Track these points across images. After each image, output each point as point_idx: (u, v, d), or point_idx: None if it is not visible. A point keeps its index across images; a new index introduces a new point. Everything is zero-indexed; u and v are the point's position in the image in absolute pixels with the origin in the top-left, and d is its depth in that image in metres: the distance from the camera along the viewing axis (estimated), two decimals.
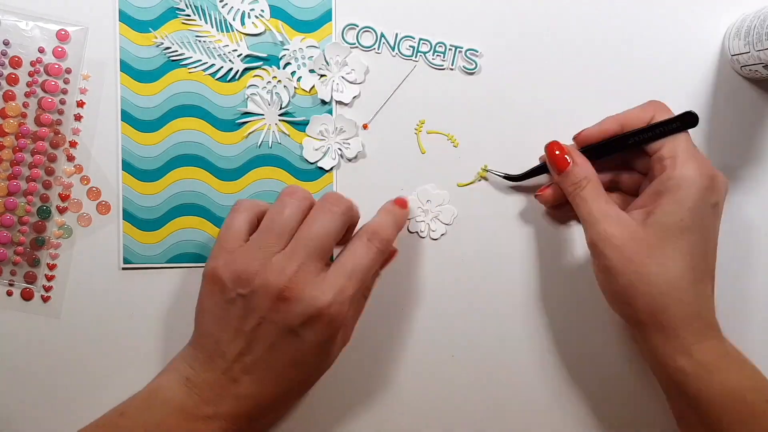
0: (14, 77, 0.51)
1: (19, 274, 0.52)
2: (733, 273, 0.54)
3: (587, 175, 0.47)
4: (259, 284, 0.43)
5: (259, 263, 0.43)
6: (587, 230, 0.46)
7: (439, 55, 0.53)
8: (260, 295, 0.43)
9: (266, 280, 0.43)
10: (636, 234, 0.44)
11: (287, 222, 0.45)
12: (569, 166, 0.47)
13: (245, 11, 0.52)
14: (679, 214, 0.44)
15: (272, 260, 0.43)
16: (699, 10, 0.53)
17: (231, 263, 0.44)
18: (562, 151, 0.48)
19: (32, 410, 0.53)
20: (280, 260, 0.43)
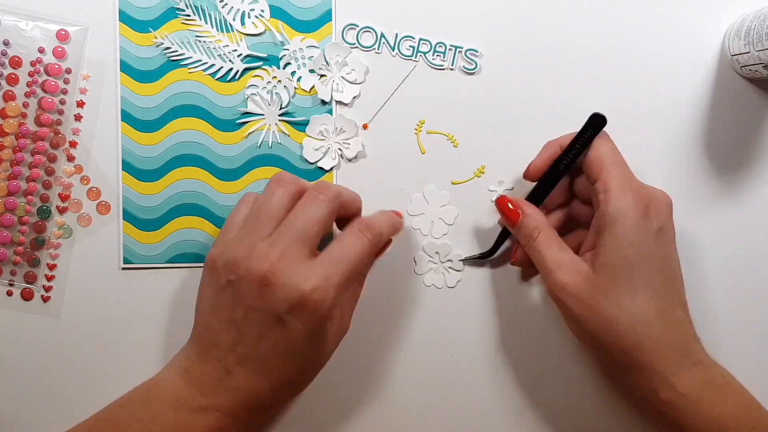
0: (14, 77, 0.51)
1: (19, 274, 0.52)
2: (734, 272, 0.54)
3: (538, 224, 0.47)
4: (244, 270, 0.43)
5: (245, 250, 0.44)
6: (544, 281, 0.46)
7: (439, 55, 0.53)
8: (245, 281, 0.43)
9: (250, 266, 0.43)
10: (589, 280, 0.44)
11: (273, 209, 0.45)
12: (520, 218, 0.47)
13: (245, 11, 0.52)
14: (622, 250, 0.43)
15: (257, 246, 0.44)
16: (699, 10, 0.53)
17: (224, 251, 0.45)
18: (513, 204, 0.48)
19: (32, 410, 0.53)
20: (264, 246, 0.43)
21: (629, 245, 0.43)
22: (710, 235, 0.54)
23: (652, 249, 0.44)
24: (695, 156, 0.54)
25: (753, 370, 0.55)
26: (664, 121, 0.54)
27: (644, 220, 0.44)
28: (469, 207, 0.54)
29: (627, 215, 0.43)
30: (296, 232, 0.44)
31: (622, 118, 0.53)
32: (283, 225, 0.45)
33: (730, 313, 0.55)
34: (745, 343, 0.55)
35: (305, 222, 0.44)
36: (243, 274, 0.43)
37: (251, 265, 0.43)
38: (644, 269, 0.43)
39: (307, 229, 0.44)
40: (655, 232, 0.44)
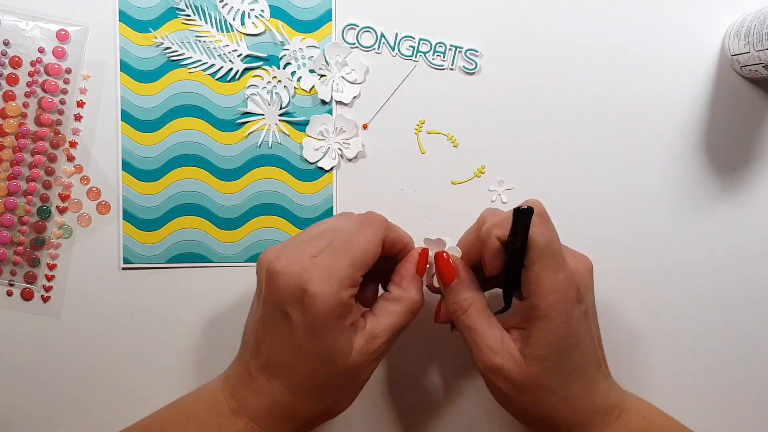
0: (14, 77, 0.51)
1: (19, 274, 0.52)
2: (734, 272, 0.54)
3: (471, 296, 0.45)
4: (260, 267, 0.44)
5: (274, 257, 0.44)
6: (473, 357, 0.44)
7: (439, 55, 0.53)
8: (261, 277, 0.43)
9: (265, 263, 0.43)
10: (521, 367, 0.43)
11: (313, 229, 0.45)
12: (454, 280, 0.45)
13: (245, 11, 0.52)
14: (554, 345, 0.42)
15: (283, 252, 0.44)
16: (699, 10, 0.53)
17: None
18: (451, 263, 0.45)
19: (32, 410, 0.53)
20: (287, 251, 0.44)
21: (561, 340, 0.42)
22: (710, 235, 0.54)
23: (581, 333, 0.43)
24: (695, 156, 0.54)
25: (752, 368, 0.55)
26: (664, 121, 0.54)
27: (575, 309, 0.42)
28: (469, 207, 0.54)
29: (560, 312, 0.42)
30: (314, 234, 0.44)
31: (622, 118, 0.53)
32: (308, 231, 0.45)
33: (730, 313, 0.55)
34: (745, 343, 0.55)
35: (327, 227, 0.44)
36: (260, 270, 0.44)
37: (267, 262, 0.43)
38: (574, 356, 0.43)
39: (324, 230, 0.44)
40: (583, 315, 0.43)
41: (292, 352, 0.43)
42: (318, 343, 0.42)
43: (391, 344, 0.45)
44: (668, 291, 0.54)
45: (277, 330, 0.43)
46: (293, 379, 0.43)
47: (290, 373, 0.43)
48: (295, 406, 0.43)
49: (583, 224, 0.54)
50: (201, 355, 0.53)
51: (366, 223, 0.45)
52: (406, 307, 0.45)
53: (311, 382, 0.43)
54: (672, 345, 0.55)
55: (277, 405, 0.43)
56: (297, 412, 0.44)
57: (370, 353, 0.43)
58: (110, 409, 0.53)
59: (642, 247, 0.54)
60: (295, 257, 0.42)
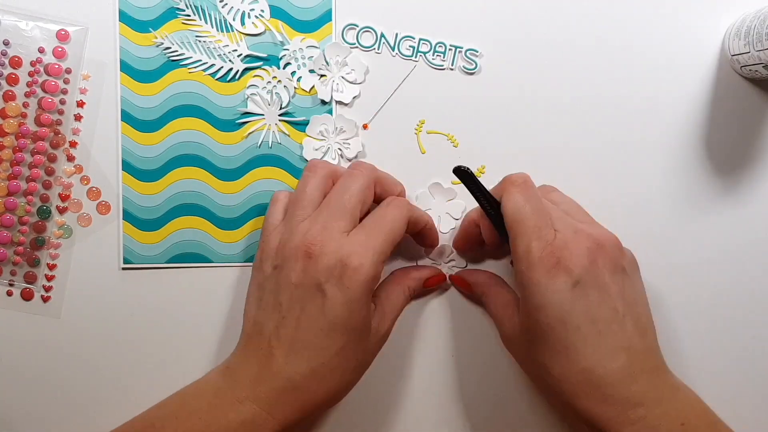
0: (14, 77, 0.51)
1: (19, 274, 0.52)
2: (734, 272, 0.54)
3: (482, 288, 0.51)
4: (288, 251, 0.44)
5: (287, 234, 0.45)
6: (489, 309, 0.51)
7: (439, 55, 0.53)
8: (290, 260, 0.44)
9: (293, 245, 0.44)
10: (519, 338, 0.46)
11: (309, 195, 0.46)
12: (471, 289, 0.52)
13: (245, 11, 0.52)
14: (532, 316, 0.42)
15: (298, 227, 0.45)
16: (699, 10, 0.53)
17: (265, 244, 0.47)
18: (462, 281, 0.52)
19: (32, 410, 0.53)
20: (305, 224, 0.45)
21: (537, 310, 0.42)
22: (710, 235, 0.54)
23: (567, 308, 0.41)
24: (695, 156, 0.54)
25: (752, 368, 0.55)
26: (664, 121, 0.54)
27: (551, 281, 0.41)
28: (469, 207, 0.54)
29: (530, 281, 0.42)
30: (334, 207, 0.45)
31: (621, 118, 0.53)
32: (322, 204, 0.46)
33: (730, 313, 0.55)
34: (744, 343, 0.55)
35: (341, 197, 0.46)
36: (288, 254, 0.44)
37: (294, 243, 0.44)
38: (558, 331, 0.41)
39: (344, 202, 0.45)
40: (570, 289, 0.41)
41: (323, 329, 0.43)
42: (352, 318, 0.43)
43: (391, 329, 0.49)
44: (668, 291, 0.54)
45: (309, 309, 0.43)
46: (319, 358, 0.43)
47: (317, 351, 0.43)
48: (311, 387, 0.44)
49: None
50: (201, 355, 0.53)
51: (394, 202, 0.47)
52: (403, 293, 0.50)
53: (336, 360, 0.44)
54: (672, 345, 0.55)
55: (292, 388, 0.43)
56: (309, 394, 0.44)
57: (380, 334, 0.47)
58: (110, 409, 0.53)
59: (642, 247, 0.54)
60: (328, 235, 0.44)
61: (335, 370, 0.44)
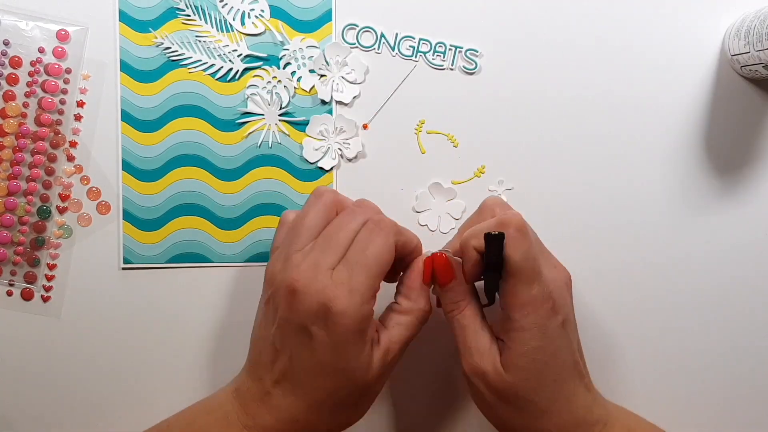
0: (14, 77, 0.51)
1: (19, 274, 0.52)
2: (734, 272, 0.54)
3: (468, 295, 0.46)
4: (278, 282, 0.43)
5: (281, 263, 0.44)
6: (460, 358, 0.45)
7: (439, 55, 0.53)
8: (279, 293, 0.43)
9: (282, 277, 0.43)
10: (501, 377, 0.43)
11: (308, 223, 0.45)
12: (452, 281, 0.45)
13: (245, 11, 0.52)
14: (529, 355, 0.43)
15: (291, 257, 0.43)
16: (699, 10, 0.53)
17: (269, 265, 0.45)
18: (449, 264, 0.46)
19: (32, 410, 0.53)
20: (298, 257, 0.43)
21: (536, 351, 0.43)
22: (710, 235, 0.54)
23: (558, 344, 0.43)
24: (695, 156, 0.54)
25: (752, 367, 0.55)
26: (664, 121, 0.54)
27: (551, 320, 0.43)
28: (469, 207, 0.54)
29: (534, 324, 0.42)
30: (327, 243, 0.43)
31: (621, 118, 0.53)
32: (319, 236, 0.44)
33: (730, 313, 0.55)
34: (744, 342, 0.55)
35: (338, 232, 0.44)
36: (277, 285, 0.43)
37: (284, 275, 0.43)
38: (552, 366, 0.43)
39: (339, 239, 0.43)
40: (560, 326, 0.43)
41: (314, 369, 0.42)
42: (341, 360, 0.42)
43: (402, 354, 0.45)
44: (668, 290, 0.54)
45: (298, 348, 0.43)
46: (313, 396, 0.43)
47: (310, 391, 0.43)
48: (312, 422, 0.43)
49: (583, 224, 0.54)
50: (201, 355, 0.53)
51: (377, 229, 0.44)
52: (416, 318, 0.45)
53: (332, 399, 0.43)
54: (671, 345, 0.55)
55: (294, 421, 0.43)
56: (313, 428, 0.43)
57: (385, 366, 0.44)
58: (110, 409, 0.53)
59: (641, 247, 0.54)
60: (313, 274, 0.42)
61: (333, 406, 0.43)
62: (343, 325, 0.41)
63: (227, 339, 0.53)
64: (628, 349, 0.54)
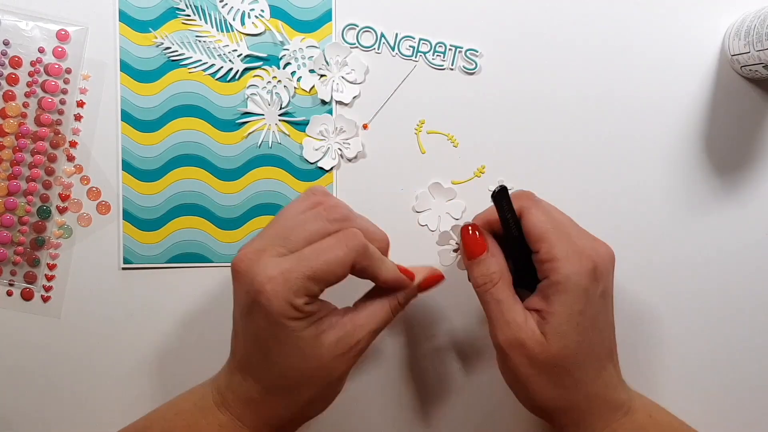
0: (14, 77, 0.51)
1: (19, 274, 0.52)
2: (734, 272, 0.54)
3: (501, 268, 0.44)
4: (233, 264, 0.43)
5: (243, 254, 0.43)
6: (496, 332, 0.44)
7: (439, 55, 0.53)
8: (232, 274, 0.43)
9: (235, 259, 0.43)
10: (542, 346, 0.43)
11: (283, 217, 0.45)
12: (484, 254, 0.44)
13: (245, 11, 0.52)
14: (573, 320, 0.42)
15: (251, 242, 0.43)
16: (699, 10, 0.53)
17: None
18: (479, 236, 0.45)
19: (32, 410, 0.53)
20: (255, 241, 0.43)
21: (580, 314, 0.42)
22: (710, 235, 0.54)
23: (597, 312, 0.43)
24: (695, 156, 0.54)
25: (753, 367, 0.55)
26: (664, 121, 0.54)
27: (593, 285, 0.43)
28: (469, 207, 0.54)
29: (577, 284, 0.42)
30: (280, 230, 0.43)
31: (621, 118, 0.53)
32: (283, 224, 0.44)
33: (730, 313, 0.55)
34: (745, 343, 0.55)
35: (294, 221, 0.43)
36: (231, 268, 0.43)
37: (235, 260, 0.43)
38: (591, 335, 0.43)
39: (293, 230, 0.43)
40: (600, 294, 0.43)
41: (261, 352, 0.43)
42: (282, 345, 0.42)
43: (369, 341, 0.44)
44: (668, 290, 0.54)
45: (246, 330, 0.43)
46: (265, 380, 0.43)
47: (262, 374, 0.43)
48: (270, 404, 0.44)
49: (583, 224, 0.54)
50: (200, 355, 0.53)
51: (343, 241, 0.43)
52: (390, 310, 0.45)
53: (283, 382, 0.43)
54: (671, 345, 0.55)
55: (253, 403, 0.44)
56: (272, 411, 0.44)
57: (344, 349, 0.43)
58: (110, 409, 0.53)
59: (642, 247, 0.54)
60: (259, 257, 0.42)
61: (287, 389, 0.43)
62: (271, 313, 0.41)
63: (227, 339, 0.53)
64: (627, 348, 0.54)
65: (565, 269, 0.42)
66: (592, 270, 0.43)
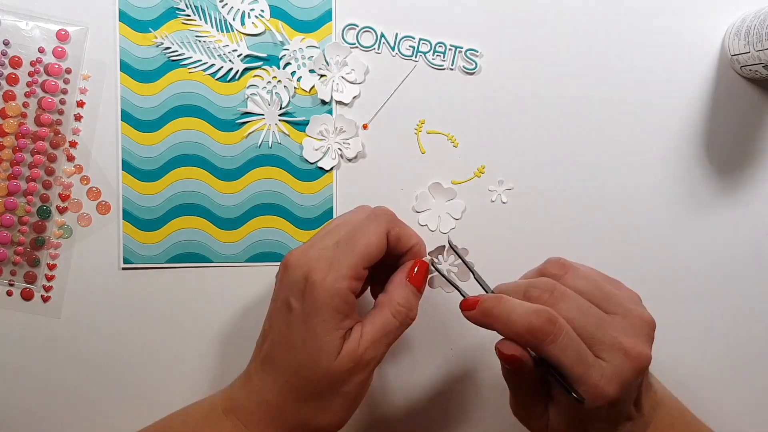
0: (14, 77, 0.51)
1: (19, 274, 0.52)
2: (734, 272, 0.54)
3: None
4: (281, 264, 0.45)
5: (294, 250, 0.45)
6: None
7: (439, 55, 0.53)
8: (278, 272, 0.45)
9: (285, 259, 0.44)
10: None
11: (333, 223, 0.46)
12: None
13: (245, 11, 0.52)
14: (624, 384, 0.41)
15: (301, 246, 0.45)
16: (699, 10, 0.53)
17: None
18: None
19: (32, 410, 0.53)
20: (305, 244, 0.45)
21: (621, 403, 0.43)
22: (710, 235, 0.54)
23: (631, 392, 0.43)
24: (695, 156, 0.54)
25: (753, 367, 0.55)
26: (664, 121, 0.54)
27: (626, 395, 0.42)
28: (469, 207, 0.54)
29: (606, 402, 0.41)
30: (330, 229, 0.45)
31: (621, 118, 0.53)
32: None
33: (730, 313, 0.55)
34: (745, 343, 0.55)
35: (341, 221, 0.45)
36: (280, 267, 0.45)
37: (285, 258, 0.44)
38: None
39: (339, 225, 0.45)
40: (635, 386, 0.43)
41: (286, 345, 0.43)
42: (309, 335, 0.42)
43: (378, 356, 0.43)
44: (668, 291, 0.54)
45: (279, 324, 0.43)
46: (282, 376, 0.43)
47: (281, 369, 0.43)
48: (281, 407, 0.43)
49: (583, 224, 0.54)
50: (201, 355, 0.53)
51: (372, 216, 0.45)
52: (391, 314, 0.44)
53: (296, 381, 0.43)
54: (671, 345, 0.55)
55: (265, 404, 0.43)
56: (282, 415, 0.43)
57: (354, 359, 0.42)
58: (110, 409, 0.53)
59: (642, 247, 0.54)
60: (306, 251, 0.44)
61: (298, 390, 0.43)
62: (315, 295, 0.42)
63: (227, 339, 0.53)
64: None
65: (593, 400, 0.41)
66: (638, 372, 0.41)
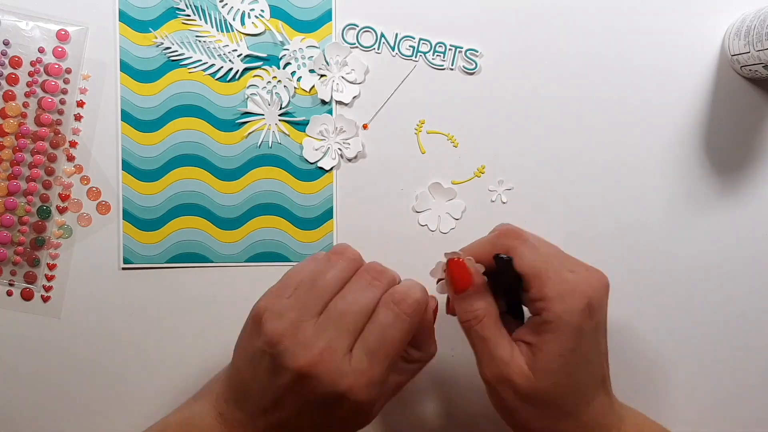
0: (14, 77, 0.51)
1: (19, 274, 0.52)
2: (734, 272, 0.54)
3: (486, 305, 0.43)
4: (285, 350, 0.41)
5: (290, 326, 0.41)
6: (482, 368, 0.43)
7: (439, 55, 0.53)
8: (285, 362, 0.41)
9: (292, 350, 0.41)
10: (530, 381, 0.42)
11: (328, 285, 0.43)
12: (470, 288, 0.43)
13: (245, 11, 0.52)
14: (563, 357, 0.42)
15: (302, 327, 0.41)
16: (699, 10, 0.53)
17: (273, 314, 0.42)
18: (467, 269, 0.43)
19: (32, 410, 0.53)
20: (309, 331, 0.41)
21: (571, 352, 0.42)
22: (710, 235, 0.54)
23: (590, 347, 0.43)
24: (695, 156, 0.54)
25: (753, 368, 0.55)
26: (664, 121, 0.54)
27: (586, 321, 0.42)
28: (469, 207, 0.54)
29: (569, 323, 0.41)
30: (344, 323, 0.42)
31: (621, 118, 0.53)
32: (332, 310, 0.42)
33: (731, 314, 0.55)
34: (745, 344, 0.55)
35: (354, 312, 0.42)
36: (283, 353, 0.41)
37: (294, 350, 0.41)
38: (582, 370, 0.42)
39: (355, 320, 0.42)
40: (593, 328, 0.42)
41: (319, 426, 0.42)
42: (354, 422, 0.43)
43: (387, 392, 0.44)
44: (668, 291, 0.54)
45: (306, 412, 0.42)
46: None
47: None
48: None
49: (583, 224, 0.54)
50: (201, 355, 0.53)
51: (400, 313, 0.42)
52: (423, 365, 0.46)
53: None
54: (672, 345, 0.55)
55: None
56: None
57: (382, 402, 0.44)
58: (110, 409, 0.53)
59: (642, 247, 0.54)
60: (330, 358, 0.41)
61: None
62: (360, 410, 0.41)
63: (227, 339, 0.53)
64: (626, 348, 0.54)
65: (557, 308, 0.41)
66: (585, 307, 0.42)
